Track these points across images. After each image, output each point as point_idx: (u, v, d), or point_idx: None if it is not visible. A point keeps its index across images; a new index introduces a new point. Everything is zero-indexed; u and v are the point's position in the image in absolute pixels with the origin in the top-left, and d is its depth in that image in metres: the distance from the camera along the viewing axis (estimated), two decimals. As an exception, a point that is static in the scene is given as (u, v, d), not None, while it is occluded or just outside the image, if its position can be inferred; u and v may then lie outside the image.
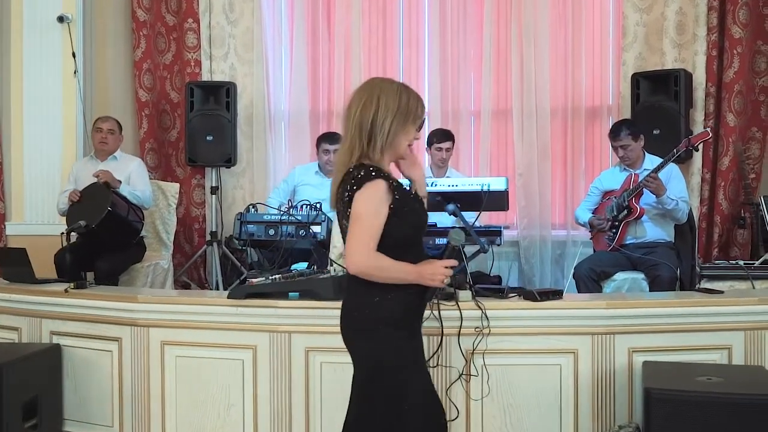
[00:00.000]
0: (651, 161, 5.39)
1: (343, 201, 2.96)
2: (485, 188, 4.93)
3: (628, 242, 5.26)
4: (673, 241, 5.32)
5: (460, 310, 3.61)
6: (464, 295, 3.67)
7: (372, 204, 2.88)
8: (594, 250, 5.54)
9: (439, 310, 3.56)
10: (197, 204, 6.97)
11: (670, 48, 6.51)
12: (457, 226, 5.18)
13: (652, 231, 5.25)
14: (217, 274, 6.45)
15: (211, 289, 6.48)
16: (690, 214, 5.37)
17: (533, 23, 6.85)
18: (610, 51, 6.93)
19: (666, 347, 3.71)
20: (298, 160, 7.12)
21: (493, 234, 5.21)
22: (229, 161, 6.65)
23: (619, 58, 6.78)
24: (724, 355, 3.76)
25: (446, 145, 5.98)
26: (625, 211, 5.22)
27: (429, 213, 6.01)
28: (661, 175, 5.14)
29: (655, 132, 6.20)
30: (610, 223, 5.31)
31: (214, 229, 6.75)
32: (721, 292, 3.94)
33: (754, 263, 4.55)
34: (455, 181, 5.08)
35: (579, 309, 3.70)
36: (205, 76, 6.87)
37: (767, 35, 6.35)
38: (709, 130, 5.05)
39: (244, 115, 7.02)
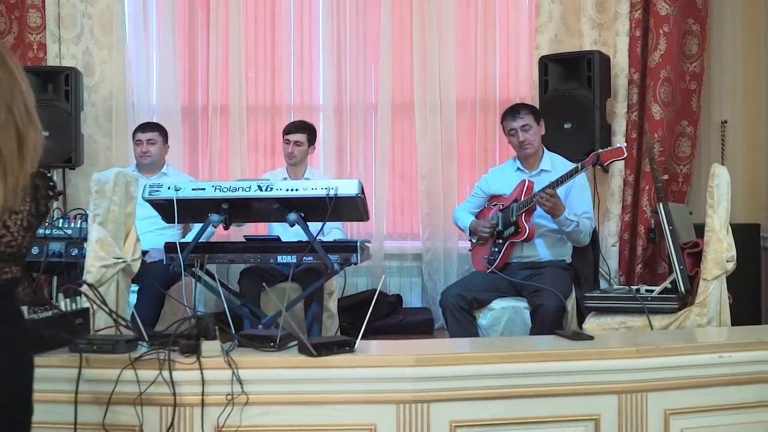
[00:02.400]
0: (551, 161, 4.18)
1: (40, 211, 1.94)
2: (331, 193, 3.77)
3: (512, 261, 4.05)
4: (569, 260, 4.11)
5: (201, 369, 2.42)
6: (211, 347, 2.47)
7: None
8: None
9: (170, 369, 2.38)
10: (42, 211, 5.74)
11: (588, 29, 5.37)
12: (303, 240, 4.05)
13: (544, 252, 4.05)
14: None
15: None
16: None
17: (437, 2, 5.67)
18: (527, 34, 5.75)
19: (504, 420, 2.53)
20: (170, 162, 5.95)
21: (347, 250, 4.00)
22: (70, 161, 5.42)
23: (532, 41, 5.59)
24: (590, 429, 2.58)
25: (295, 137, 4.79)
26: (512, 229, 4.00)
27: (270, 224, 4.90)
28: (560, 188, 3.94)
29: (566, 126, 5.04)
30: (492, 238, 4.10)
31: (59, 241, 5.53)
32: (590, 337, 2.74)
33: (654, 290, 3.34)
34: (295, 185, 3.91)
35: (376, 368, 2.50)
36: (53, 62, 5.66)
37: (699, 12, 5.17)
38: (624, 147, 3.80)
39: (103, 109, 5.83)
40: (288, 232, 4.60)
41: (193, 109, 6.08)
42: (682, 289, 3.20)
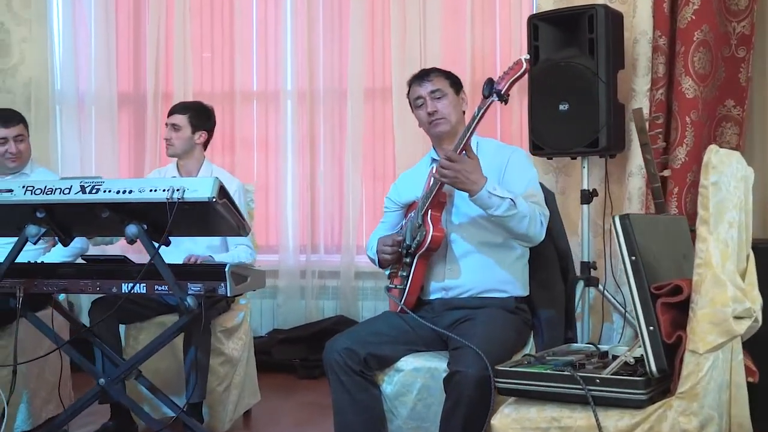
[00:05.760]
0: (476, 144, 2.63)
1: None
2: (174, 196, 2.54)
3: (433, 297, 2.63)
4: (522, 292, 2.63)
5: None
6: None
7: None
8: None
9: None
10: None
11: (602, -20, 3.89)
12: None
13: (470, 276, 2.59)
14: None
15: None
16: (561, 238, 2.69)
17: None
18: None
19: None
20: (103, 158, 4.85)
21: (211, 277, 2.72)
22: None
23: (532, 2, 4.19)
24: None
25: (173, 120, 3.46)
26: (418, 236, 2.57)
27: (108, 237, 3.55)
28: (489, 162, 2.51)
29: (561, 107, 3.61)
30: (401, 255, 2.66)
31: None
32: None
33: (614, 361, 1.87)
34: (130, 184, 2.67)
35: None
36: (-45, 40, 4.65)
37: (749, -50, 3.63)
38: (525, 58, 2.29)
39: (23, 97, 4.81)
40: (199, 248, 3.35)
41: (139, 96, 4.97)
42: (653, 368, 1.73)
